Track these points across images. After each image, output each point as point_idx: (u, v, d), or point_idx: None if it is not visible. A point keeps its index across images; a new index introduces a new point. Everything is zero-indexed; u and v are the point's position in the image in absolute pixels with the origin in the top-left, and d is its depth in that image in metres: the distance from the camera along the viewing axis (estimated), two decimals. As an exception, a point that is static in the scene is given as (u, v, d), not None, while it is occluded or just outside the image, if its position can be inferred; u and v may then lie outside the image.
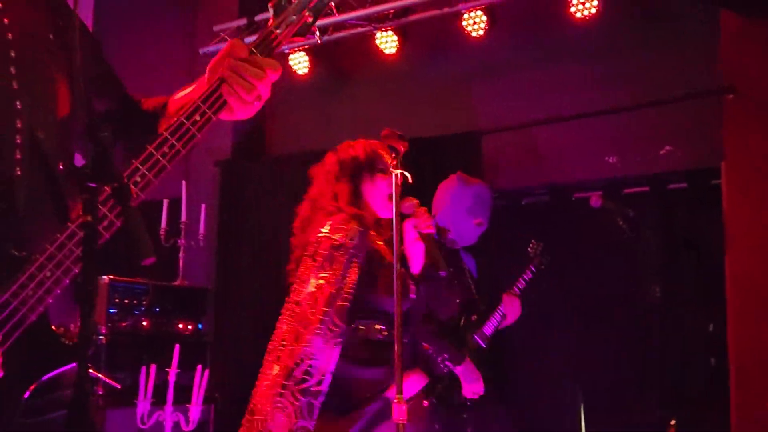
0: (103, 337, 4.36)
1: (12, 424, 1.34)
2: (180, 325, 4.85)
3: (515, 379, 4.85)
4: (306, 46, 5.66)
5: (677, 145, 4.80)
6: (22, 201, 1.42)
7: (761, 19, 4.46)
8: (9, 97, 1.45)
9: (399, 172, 2.69)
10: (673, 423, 4.16)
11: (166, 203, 5.11)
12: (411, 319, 3.06)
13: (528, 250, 4.26)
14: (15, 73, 1.46)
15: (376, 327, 2.94)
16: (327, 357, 2.75)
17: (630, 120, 4.88)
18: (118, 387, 4.10)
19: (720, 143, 4.54)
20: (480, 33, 5.11)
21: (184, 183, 5.13)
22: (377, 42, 5.45)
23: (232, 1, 6.19)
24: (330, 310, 2.75)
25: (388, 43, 5.44)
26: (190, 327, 4.90)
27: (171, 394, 3.94)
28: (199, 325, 4.99)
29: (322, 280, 2.81)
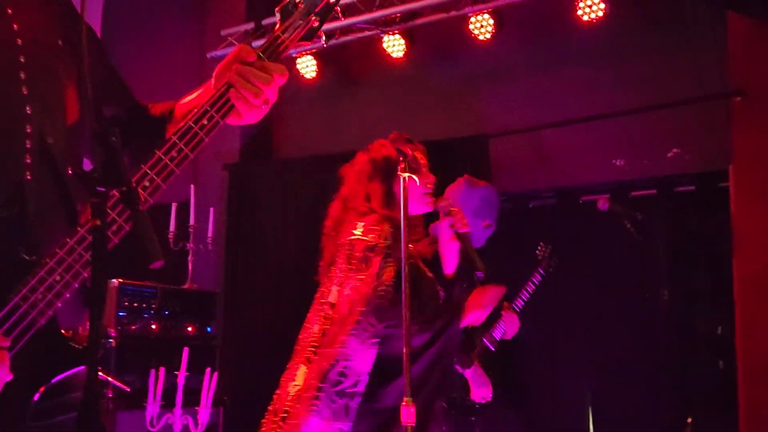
0: (112, 340, 4.36)
1: (22, 427, 1.34)
2: (189, 328, 4.86)
3: (523, 382, 4.85)
4: (313, 50, 5.67)
5: (685, 147, 4.80)
6: (33, 205, 1.43)
7: (769, 21, 4.46)
8: (19, 102, 1.45)
9: (407, 175, 2.67)
10: (689, 421, 4.15)
11: (174, 207, 5.13)
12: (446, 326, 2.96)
13: (536, 253, 4.26)
14: (24, 79, 1.46)
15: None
16: (363, 358, 2.69)
17: (638, 123, 4.87)
18: (128, 390, 4.10)
19: (728, 146, 4.53)
20: (487, 36, 5.10)
21: (192, 187, 5.14)
22: (384, 45, 5.46)
23: (240, 6, 6.22)
24: (366, 309, 2.70)
25: (395, 46, 5.45)
26: (198, 330, 4.91)
27: (180, 397, 3.93)
28: (208, 328, 4.99)
29: (359, 282, 2.75)
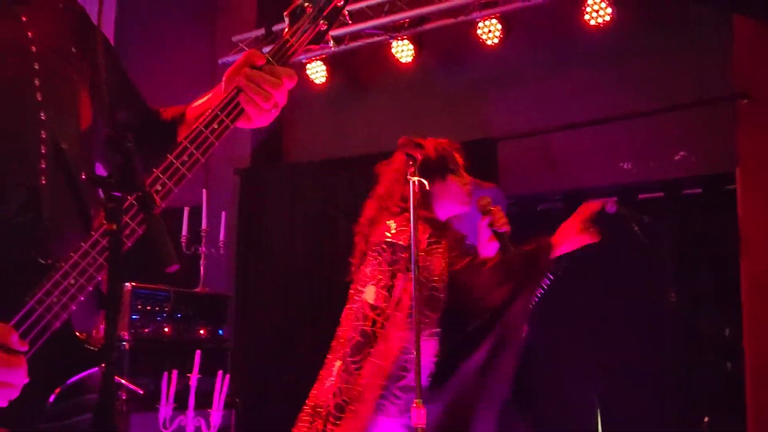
0: (125, 343, 4.39)
1: (37, 428, 1.36)
2: (201, 331, 4.89)
3: (530, 384, 4.86)
4: (323, 56, 5.69)
5: (691, 150, 4.80)
6: (48, 210, 1.44)
7: (775, 24, 4.47)
8: (34, 108, 1.47)
9: (416, 179, 2.67)
10: (706, 420, 4.17)
11: (186, 211, 5.16)
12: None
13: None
14: (39, 85, 1.48)
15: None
16: (424, 350, 2.64)
17: (644, 126, 4.87)
18: (141, 392, 4.08)
19: (734, 148, 4.53)
20: (495, 41, 5.12)
21: (204, 191, 5.18)
22: (393, 51, 5.48)
23: (251, 12, 6.26)
24: (417, 304, 2.65)
25: (404, 51, 5.47)
26: (210, 333, 4.94)
27: (192, 399, 3.97)
28: (220, 331, 5.02)
29: (408, 280, 2.71)
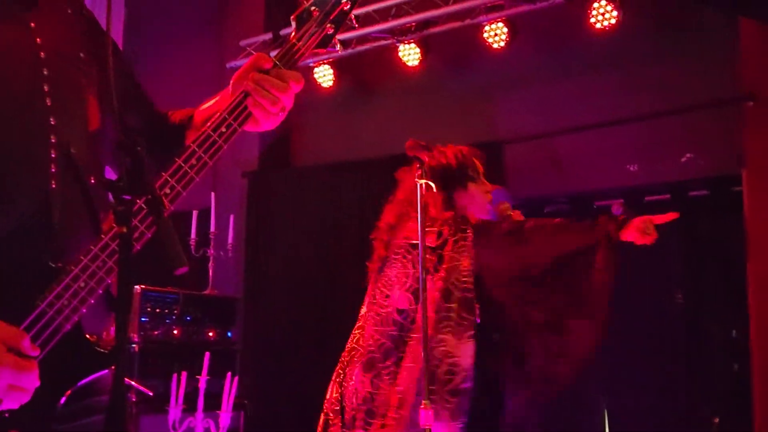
0: (135, 345, 4.41)
1: (49, 430, 1.37)
2: (210, 333, 4.90)
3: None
4: (330, 60, 5.73)
5: (698, 152, 4.80)
6: (58, 214, 1.45)
7: (780, 27, 4.48)
8: (43, 113, 1.48)
9: (424, 182, 2.68)
10: (717, 421, 4.18)
11: (195, 214, 5.19)
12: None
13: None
14: (48, 91, 1.49)
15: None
16: (464, 353, 2.66)
17: (651, 128, 4.88)
18: (151, 394, 4.11)
19: (740, 150, 4.54)
20: (501, 44, 5.14)
21: (213, 194, 5.21)
22: (400, 54, 5.51)
23: (258, 17, 6.30)
24: (453, 305, 2.68)
25: (410, 55, 5.50)
26: (219, 335, 4.95)
27: (201, 401, 4.00)
28: (229, 334, 5.03)
29: (438, 281, 2.73)
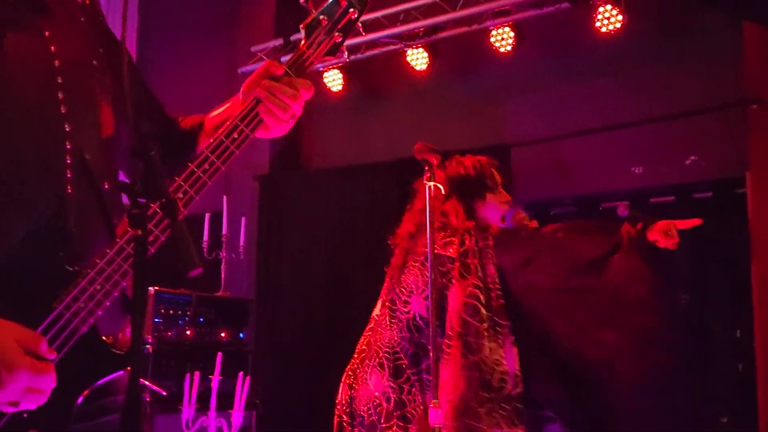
0: (149, 346, 4.46)
1: (66, 429, 1.41)
2: (222, 334, 4.94)
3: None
4: (339, 65, 5.77)
5: (702, 155, 4.82)
6: (73, 218, 1.47)
7: (784, 30, 4.51)
8: (58, 120, 1.50)
9: (432, 184, 2.72)
10: (724, 421, 4.20)
11: (207, 217, 5.25)
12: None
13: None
14: (62, 98, 1.52)
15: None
16: (509, 358, 2.67)
17: (656, 131, 4.91)
18: (164, 394, 4.18)
19: (745, 153, 4.57)
20: (508, 49, 5.18)
21: (225, 197, 5.26)
22: (408, 59, 5.55)
23: (269, 23, 6.36)
24: (489, 314, 2.69)
25: (418, 60, 5.54)
26: (232, 336, 4.99)
27: (214, 401, 4.04)
28: (241, 334, 5.07)
29: (469, 288, 2.75)
